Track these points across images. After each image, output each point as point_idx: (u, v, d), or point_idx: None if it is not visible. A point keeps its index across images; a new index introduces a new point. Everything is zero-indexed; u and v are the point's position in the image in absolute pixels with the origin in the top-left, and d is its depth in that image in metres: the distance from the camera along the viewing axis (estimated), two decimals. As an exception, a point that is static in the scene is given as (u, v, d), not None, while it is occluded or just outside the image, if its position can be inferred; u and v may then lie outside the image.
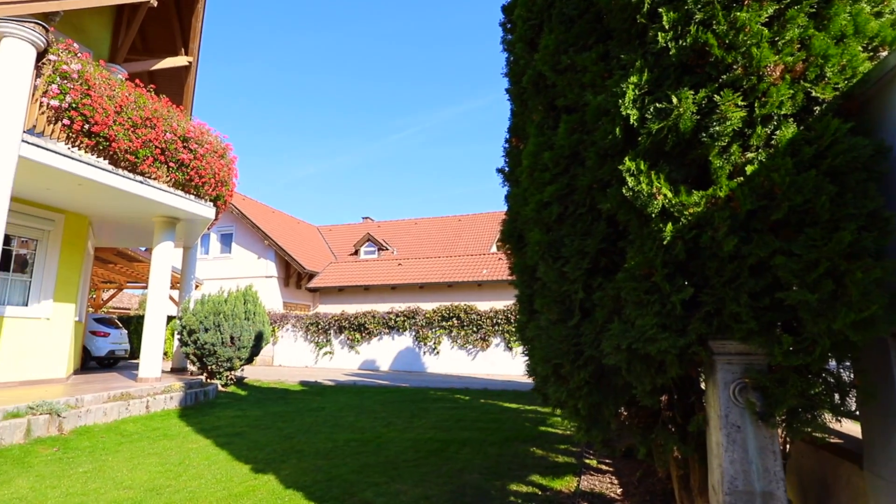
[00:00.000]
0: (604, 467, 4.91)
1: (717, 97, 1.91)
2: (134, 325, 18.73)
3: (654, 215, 1.97)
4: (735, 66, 1.92)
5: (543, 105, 2.80)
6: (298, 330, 19.56)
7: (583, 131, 2.43)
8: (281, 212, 28.01)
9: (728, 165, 1.91)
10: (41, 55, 6.30)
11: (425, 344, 17.69)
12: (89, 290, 13.49)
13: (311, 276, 22.78)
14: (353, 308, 20.19)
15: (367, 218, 32.21)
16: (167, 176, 8.12)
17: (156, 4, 8.51)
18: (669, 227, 1.91)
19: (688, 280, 1.99)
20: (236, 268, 22.68)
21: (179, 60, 10.50)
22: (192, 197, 8.70)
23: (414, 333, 17.90)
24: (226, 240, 23.60)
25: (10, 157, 5.76)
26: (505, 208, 3.73)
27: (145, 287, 20.25)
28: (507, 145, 3.81)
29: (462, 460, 5.04)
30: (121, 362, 14.46)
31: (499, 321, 16.68)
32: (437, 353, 17.51)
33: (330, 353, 19.04)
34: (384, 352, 18.31)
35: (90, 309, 15.49)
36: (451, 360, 17.31)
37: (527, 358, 3.37)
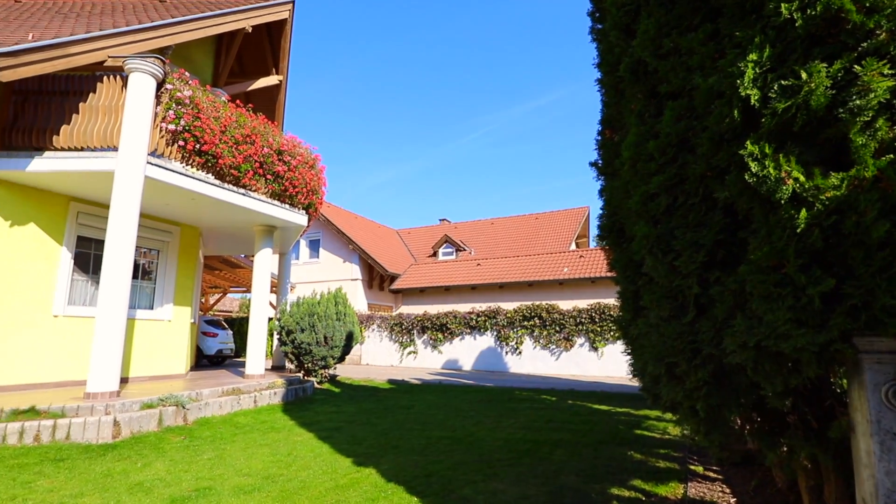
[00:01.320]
0: (711, 474, 4.59)
1: (856, 67, 1.71)
2: (237, 326, 20.43)
3: (783, 202, 1.82)
4: (878, 32, 1.72)
5: (643, 93, 2.68)
6: (383, 330, 20.27)
7: (691, 117, 2.29)
8: (363, 217, 29.20)
9: (873, 142, 1.71)
10: (159, 85, 7.06)
11: (507, 344, 17.59)
12: (200, 295, 14.90)
13: (393, 278, 23.52)
14: (434, 308, 20.56)
15: (443, 220, 32.72)
16: (265, 187, 8.77)
17: (251, 31, 9.25)
18: (803, 213, 1.75)
19: (825, 270, 1.81)
20: (324, 271, 23.98)
21: (271, 80, 11.32)
22: (287, 206, 9.33)
23: (495, 333, 17.87)
24: (314, 245, 25.05)
25: (138, 177, 6.51)
26: (597, 203, 3.63)
27: (245, 291, 21.98)
28: (599, 138, 3.69)
29: (557, 461, 4.95)
30: (227, 360, 15.83)
31: (582, 320, 16.19)
32: (520, 353, 17.35)
33: (414, 352, 19.53)
34: (466, 351, 18.46)
35: (200, 312, 17.11)
36: (533, 360, 17.07)
37: (630, 357, 3.24)
